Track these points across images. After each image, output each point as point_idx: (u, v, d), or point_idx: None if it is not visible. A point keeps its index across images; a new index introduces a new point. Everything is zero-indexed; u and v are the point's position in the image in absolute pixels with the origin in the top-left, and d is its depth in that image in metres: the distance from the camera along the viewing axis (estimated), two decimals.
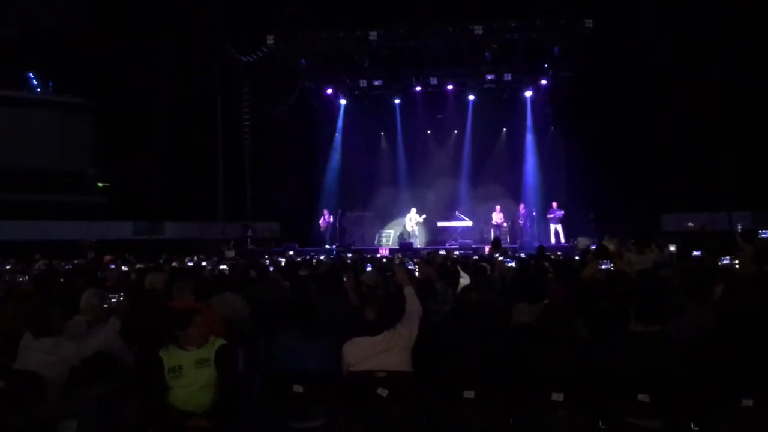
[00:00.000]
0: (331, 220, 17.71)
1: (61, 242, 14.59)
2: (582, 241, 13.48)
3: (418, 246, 16.97)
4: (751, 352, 3.20)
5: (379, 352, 3.70)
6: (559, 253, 12.24)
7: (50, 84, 18.74)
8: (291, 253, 13.90)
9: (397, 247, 16.71)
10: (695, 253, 7.56)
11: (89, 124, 18.50)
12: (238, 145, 18.20)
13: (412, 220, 17.72)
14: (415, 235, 17.72)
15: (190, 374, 3.70)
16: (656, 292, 3.70)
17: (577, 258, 9.46)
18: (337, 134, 20.02)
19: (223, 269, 8.09)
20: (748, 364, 3.17)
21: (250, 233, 17.75)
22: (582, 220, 16.34)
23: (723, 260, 6.41)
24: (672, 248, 8.83)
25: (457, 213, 18.34)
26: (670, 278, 5.02)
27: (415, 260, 8.10)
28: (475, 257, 9.79)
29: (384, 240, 19.05)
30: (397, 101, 19.49)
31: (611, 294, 4.67)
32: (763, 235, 8.14)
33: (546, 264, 7.25)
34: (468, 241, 16.87)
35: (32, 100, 18.36)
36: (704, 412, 3.22)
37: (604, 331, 3.83)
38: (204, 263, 10.06)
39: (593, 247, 9.76)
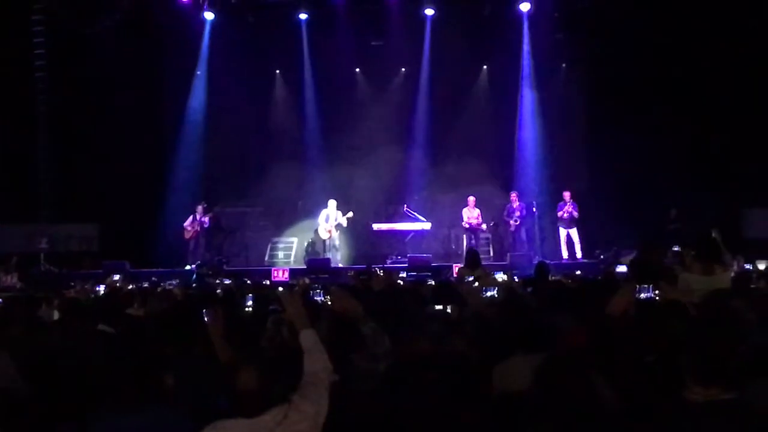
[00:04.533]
0: (207, 222, 15.68)
1: None
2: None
3: (340, 264, 15.45)
4: None
5: None
6: (578, 272, 11.51)
7: None
8: (117, 277, 12.16)
9: (304, 266, 15.15)
10: None
11: None
12: (25, 92, 16.01)
13: (330, 221, 15.76)
14: (334, 246, 15.84)
15: None
16: (729, 336, 3.06)
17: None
18: (199, 72, 17.36)
19: None
20: None
21: (44, 244, 15.49)
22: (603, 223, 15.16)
23: None
24: (761, 265, 9.00)
25: (405, 208, 16.33)
26: (749, 315, 4.55)
27: (330, 287, 6.66)
28: (432, 283, 8.69)
29: (281, 255, 16.89)
30: (303, 17, 17.08)
31: (655, 340, 3.98)
32: None
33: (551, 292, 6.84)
34: (424, 255, 15.01)
35: None
36: None
37: (643, 399, 3.51)
38: None
39: (616, 268, 10.24)
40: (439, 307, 5.57)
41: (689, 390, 2.94)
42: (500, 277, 8.38)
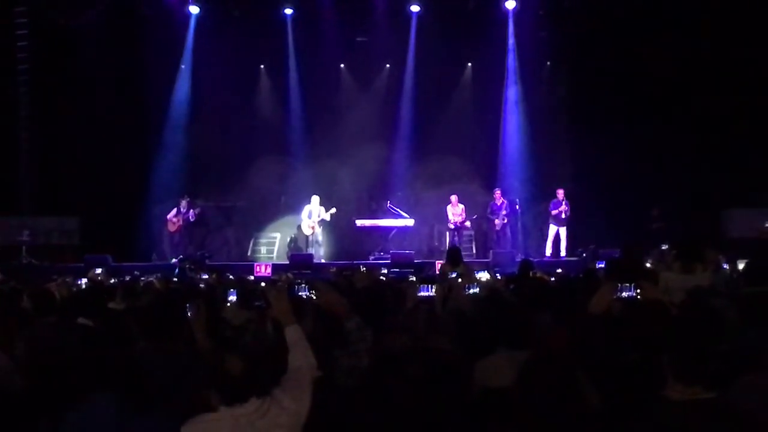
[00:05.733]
0: (192, 217, 15.69)
1: None
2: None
3: (323, 260, 15.55)
4: None
5: None
6: (559, 270, 11.50)
7: None
8: (99, 271, 12.10)
9: (287, 262, 15.24)
10: None
11: None
12: (7, 85, 15.89)
13: (313, 217, 15.80)
14: (317, 241, 15.92)
15: None
16: (710, 334, 3.29)
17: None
18: (183, 67, 17.32)
19: None
20: None
21: (26, 237, 15.47)
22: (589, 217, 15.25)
23: None
24: (741, 265, 8.42)
25: (388, 205, 16.44)
26: (731, 313, 4.62)
27: (315, 282, 6.97)
28: (412, 279, 9.14)
29: (264, 250, 16.95)
30: (288, 12, 17.10)
31: (637, 338, 4.01)
32: None
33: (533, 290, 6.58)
34: (407, 252, 15.08)
35: None
36: None
37: (625, 398, 3.48)
38: None
39: (600, 265, 10.37)
40: (424, 293, 5.62)
41: (671, 389, 3.00)
42: (483, 276, 8.44)
